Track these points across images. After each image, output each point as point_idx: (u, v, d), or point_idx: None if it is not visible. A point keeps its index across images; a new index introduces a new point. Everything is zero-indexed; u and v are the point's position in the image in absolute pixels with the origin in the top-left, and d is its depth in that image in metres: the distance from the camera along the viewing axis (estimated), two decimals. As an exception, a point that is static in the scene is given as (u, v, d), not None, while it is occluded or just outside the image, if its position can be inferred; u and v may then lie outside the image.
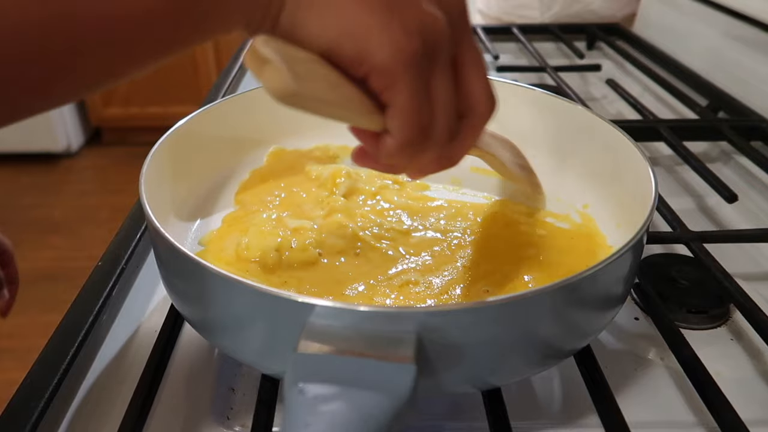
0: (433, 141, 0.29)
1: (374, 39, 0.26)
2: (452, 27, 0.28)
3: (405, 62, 0.27)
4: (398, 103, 0.28)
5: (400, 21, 0.26)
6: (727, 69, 0.76)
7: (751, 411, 0.33)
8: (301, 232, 0.41)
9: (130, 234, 0.48)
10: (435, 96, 0.29)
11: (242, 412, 0.35)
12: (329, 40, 0.27)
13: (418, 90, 0.28)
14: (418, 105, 0.28)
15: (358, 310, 0.27)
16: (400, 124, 0.28)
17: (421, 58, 0.27)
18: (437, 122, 0.29)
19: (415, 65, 0.27)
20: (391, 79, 0.27)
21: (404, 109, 0.28)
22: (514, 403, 0.33)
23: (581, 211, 0.46)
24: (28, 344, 0.71)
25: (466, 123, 0.31)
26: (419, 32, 0.27)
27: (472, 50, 0.30)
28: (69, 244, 1.94)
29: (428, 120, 0.29)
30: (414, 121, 0.28)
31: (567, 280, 0.28)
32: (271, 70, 0.26)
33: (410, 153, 0.30)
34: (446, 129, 0.30)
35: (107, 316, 0.41)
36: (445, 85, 0.29)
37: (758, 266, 0.49)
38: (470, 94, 0.31)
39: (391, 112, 0.28)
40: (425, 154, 0.30)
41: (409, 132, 0.28)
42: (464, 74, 0.30)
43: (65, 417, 0.35)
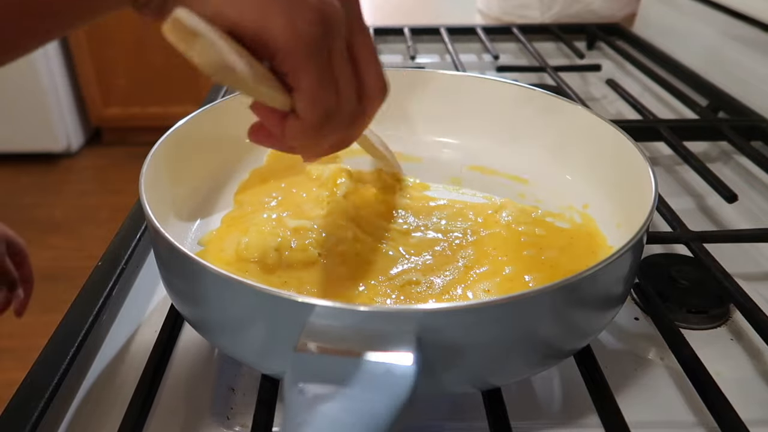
0: (336, 124, 0.31)
1: (276, 23, 0.28)
2: (347, 14, 0.30)
3: (308, 46, 0.28)
4: (304, 86, 0.29)
5: (300, 7, 0.28)
6: (727, 69, 0.76)
7: (751, 411, 0.33)
8: (301, 232, 0.41)
9: (130, 234, 0.48)
10: (338, 80, 0.30)
11: (242, 412, 0.35)
12: (230, 21, 0.28)
13: (323, 74, 0.29)
14: (324, 88, 0.29)
15: (358, 310, 0.27)
16: (307, 106, 0.30)
17: (322, 43, 0.28)
18: (341, 106, 0.31)
19: (316, 50, 0.28)
20: (294, 62, 0.28)
21: (310, 92, 0.29)
22: (514, 403, 0.33)
23: (581, 211, 0.46)
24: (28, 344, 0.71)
25: (362, 104, 0.33)
26: (319, 18, 0.28)
27: (365, 36, 0.32)
28: (69, 244, 1.94)
29: (333, 103, 0.30)
30: (320, 104, 0.30)
31: (567, 280, 0.28)
32: (203, 43, 0.26)
33: (314, 135, 0.31)
34: (349, 112, 0.31)
35: (107, 316, 0.41)
36: (345, 70, 0.30)
37: (758, 266, 0.49)
38: (365, 79, 0.32)
39: (298, 95, 0.30)
40: (329, 136, 0.32)
41: (315, 114, 0.30)
42: (359, 60, 0.32)
43: (65, 417, 0.35)
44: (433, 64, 0.90)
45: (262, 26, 0.28)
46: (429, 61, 0.91)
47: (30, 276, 0.71)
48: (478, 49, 0.95)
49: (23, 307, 0.69)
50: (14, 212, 2.09)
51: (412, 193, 0.48)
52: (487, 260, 0.40)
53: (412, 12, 1.23)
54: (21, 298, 0.68)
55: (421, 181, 0.50)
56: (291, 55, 0.28)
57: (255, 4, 0.28)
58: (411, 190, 0.49)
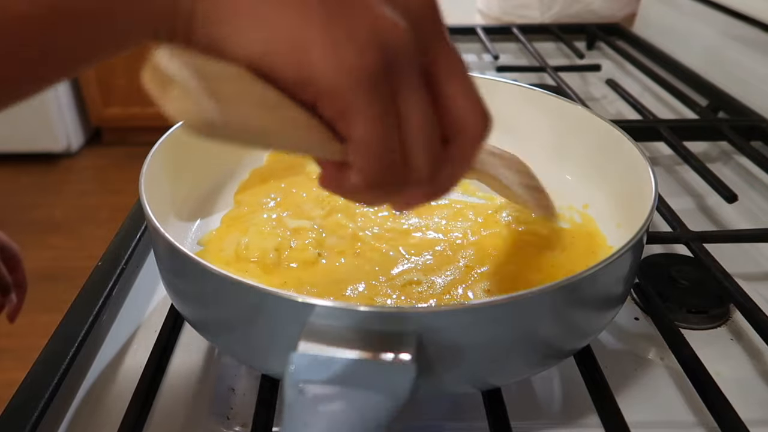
0: (411, 177, 0.25)
1: (315, 56, 0.21)
2: (418, 32, 0.23)
3: (358, 84, 0.21)
4: (356, 135, 0.23)
5: (348, 32, 0.21)
6: (726, 69, 0.76)
7: (751, 411, 0.33)
8: (300, 232, 0.41)
9: (130, 234, 0.48)
10: (405, 123, 0.23)
11: (242, 412, 0.35)
12: (258, 55, 0.22)
13: (380, 118, 0.22)
14: (382, 137, 0.23)
15: (358, 310, 0.27)
16: (362, 160, 0.23)
17: (380, 77, 0.22)
18: (413, 155, 0.24)
19: (371, 87, 0.22)
20: (343, 105, 0.22)
21: (364, 143, 0.23)
22: (514, 403, 0.33)
23: (581, 211, 0.46)
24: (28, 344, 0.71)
25: (454, 148, 0.26)
26: (373, 44, 0.22)
27: (450, 57, 0.25)
28: (69, 244, 1.94)
29: (398, 154, 0.24)
30: (379, 157, 0.23)
31: (567, 280, 0.28)
32: (179, 92, 0.20)
33: (382, 192, 0.25)
34: (426, 161, 0.24)
35: (107, 316, 0.41)
36: (417, 108, 0.23)
37: (758, 266, 0.49)
38: (454, 113, 0.25)
39: (350, 147, 0.23)
40: (403, 192, 0.25)
41: (374, 170, 0.23)
42: (443, 89, 0.25)
43: (65, 417, 0.35)
44: (433, 64, 0.90)
45: (298, 61, 0.21)
46: (429, 61, 0.91)
47: (23, 281, 0.70)
48: (478, 49, 0.95)
49: (16, 313, 0.69)
50: (14, 212, 2.09)
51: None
52: (487, 260, 0.40)
53: (412, 12, 1.23)
54: (13, 303, 0.68)
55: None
56: (336, 98, 0.22)
57: (287, 31, 0.21)
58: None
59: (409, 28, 0.23)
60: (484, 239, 0.43)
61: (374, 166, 0.23)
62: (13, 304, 0.68)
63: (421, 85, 0.24)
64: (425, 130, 0.24)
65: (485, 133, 0.26)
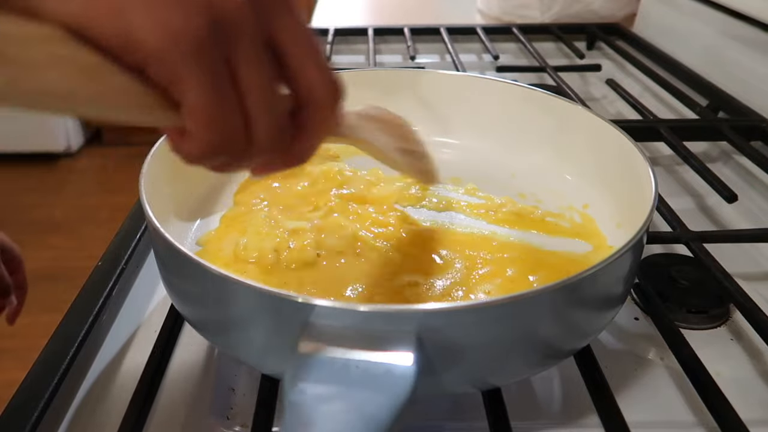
0: (254, 145, 0.25)
1: (138, 19, 0.21)
2: (259, 2, 0.23)
3: (185, 49, 0.21)
4: (187, 101, 0.22)
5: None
6: (726, 69, 0.76)
7: (751, 411, 0.33)
8: (299, 232, 0.41)
9: (130, 234, 0.48)
10: (244, 91, 0.23)
11: (242, 412, 0.35)
12: (76, 16, 0.21)
13: (211, 83, 0.22)
14: (215, 103, 0.23)
15: (358, 310, 0.27)
16: (197, 126, 0.23)
17: (208, 43, 0.22)
18: (253, 123, 0.24)
19: (200, 52, 0.21)
20: (171, 70, 0.21)
21: (197, 109, 0.22)
22: (514, 403, 0.33)
23: (581, 211, 0.46)
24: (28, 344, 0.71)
25: (305, 116, 0.26)
26: (203, 10, 0.21)
27: (295, 27, 0.25)
28: (69, 244, 1.94)
29: (237, 121, 0.24)
30: (214, 123, 0.23)
31: (567, 280, 0.28)
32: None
33: (223, 159, 0.25)
34: (268, 129, 0.25)
35: (107, 316, 0.41)
36: (255, 76, 0.23)
37: (758, 266, 0.49)
38: (302, 82, 0.26)
39: (184, 113, 0.23)
40: (249, 158, 0.25)
41: (211, 136, 0.23)
42: (289, 59, 0.25)
43: (65, 417, 0.35)
44: (433, 64, 0.90)
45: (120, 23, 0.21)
46: (429, 61, 0.91)
47: (24, 283, 0.70)
48: (478, 49, 0.95)
49: (16, 315, 0.69)
50: (14, 212, 2.09)
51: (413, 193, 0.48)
52: (488, 262, 0.40)
53: (412, 12, 1.23)
54: (14, 305, 0.68)
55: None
56: (164, 62, 0.21)
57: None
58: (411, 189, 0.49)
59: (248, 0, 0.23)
60: (485, 240, 0.43)
61: (210, 132, 0.23)
62: (13, 306, 0.68)
63: (260, 54, 0.24)
64: (265, 99, 0.24)
65: (335, 101, 0.27)
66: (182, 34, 0.21)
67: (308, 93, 0.26)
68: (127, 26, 0.21)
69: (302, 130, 0.27)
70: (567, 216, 0.45)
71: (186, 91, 0.22)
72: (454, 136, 0.55)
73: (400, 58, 0.93)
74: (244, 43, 0.23)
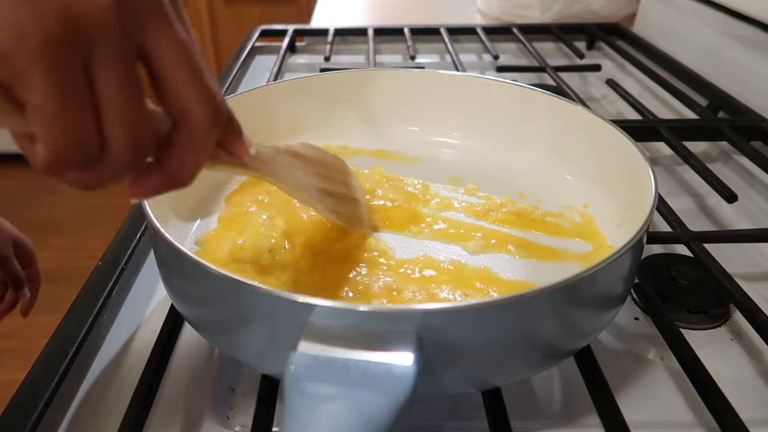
0: (108, 156, 0.23)
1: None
2: (128, 10, 0.22)
3: (34, 44, 0.20)
4: (33, 99, 0.21)
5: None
6: (726, 69, 0.76)
7: (751, 411, 0.33)
8: (297, 232, 0.41)
9: (130, 234, 0.48)
10: (99, 96, 0.22)
11: (242, 412, 0.35)
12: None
13: (61, 84, 0.21)
14: (63, 104, 0.21)
15: (358, 310, 0.27)
16: (42, 128, 0.21)
17: (59, 45, 0.21)
18: (108, 134, 0.23)
19: (49, 53, 0.20)
20: (17, 66, 0.20)
21: (41, 108, 0.21)
22: (514, 403, 0.33)
23: (581, 211, 0.46)
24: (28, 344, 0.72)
25: (177, 134, 0.25)
26: (58, 12, 0.20)
27: (170, 38, 0.24)
28: (69, 244, 1.94)
29: (86, 126, 0.22)
30: (60, 125, 0.21)
31: (567, 280, 0.28)
32: None
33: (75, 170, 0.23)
34: (123, 142, 0.23)
35: (107, 316, 0.41)
36: (113, 86, 0.22)
37: (758, 266, 0.49)
38: (173, 98, 0.24)
39: (28, 112, 0.21)
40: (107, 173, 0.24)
41: (56, 138, 0.22)
42: (161, 73, 0.24)
43: (65, 417, 0.35)
44: (433, 64, 0.90)
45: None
46: (429, 61, 0.91)
47: (37, 276, 0.71)
48: (478, 49, 0.95)
49: (29, 308, 0.69)
50: (14, 212, 2.09)
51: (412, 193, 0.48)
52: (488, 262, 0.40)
53: (412, 12, 1.23)
54: (27, 298, 0.69)
55: (421, 181, 0.50)
56: (9, 59, 0.20)
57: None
58: (411, 190, 0.49)
59: (111, 4, 0.22)
60: (484, 240, 0.43)
61: (55, 133, 0.22)
62: (26, 299, 0.69)
63: (122, 62, 0.22)
64: (121, 108, 0.23)
65: (213, 122, 0.25)
66: (30, 30, 0.20)
67: (180, 112, 0.25)
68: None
69: (173, 149, 0.25)
70: (567, 216, 0.45)
71: (30, 89, 0.21)
72: (454, 136, 0.55)
73: (400, 58, 0.93)
74: (105, 48, 0.22)
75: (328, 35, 0.92)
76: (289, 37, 0.93)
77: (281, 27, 0.97)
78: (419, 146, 0.54)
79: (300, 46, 0.98)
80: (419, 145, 0.54)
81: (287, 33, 0.94)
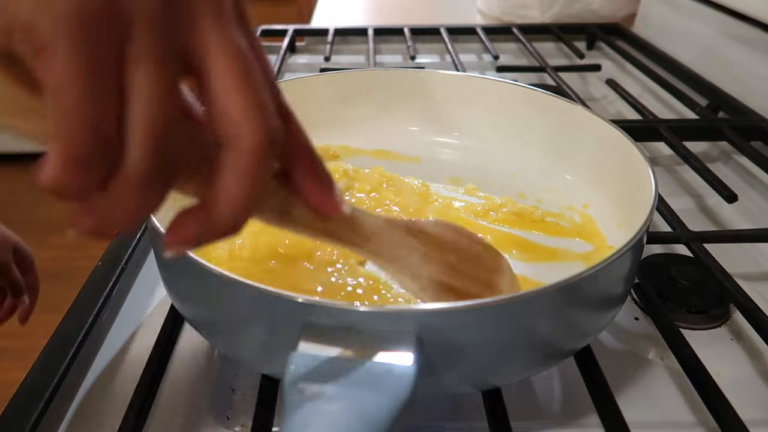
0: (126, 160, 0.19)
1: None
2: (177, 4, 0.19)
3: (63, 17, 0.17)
4: (54, 80, 0.17)
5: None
6: (727, 69, 0.76)
7: (751, 411, 0.33)
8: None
9: (130, 234, 0.48)
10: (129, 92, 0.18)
11: (242, 412, 0.35)
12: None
13: (89, 67, 0.18)
14: (88, 91, 0.18)
15: (358, 310, 0.27)
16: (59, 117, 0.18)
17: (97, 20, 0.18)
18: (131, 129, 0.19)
19: (82, 26, 0.17)
20: (40, 41, 0.17)
21: (62, 92, 0.17)
22: (514, 403, 0.33)
23: (581, 211, 0.46)
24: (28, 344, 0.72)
25: (222, 161, 0.21)
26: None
27: (225, 43, 0.20)
28: (69, 244, 1.93)
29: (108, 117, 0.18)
30: (82, 117, 0.18)
31: (567, 280, 0.28)
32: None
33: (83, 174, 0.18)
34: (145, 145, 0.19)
35: (107, 316, 0.41)
36: (144, 81, 0.19)
37: (758, 266, 0.49)
38: (219, 112, 0.20)
39: (46, 98, 0.18)
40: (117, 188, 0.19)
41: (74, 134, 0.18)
42: (208, 82, 0.20)
43: (65, 417, 0.35)
44: (433, 64, 0.90)
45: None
46: (429, 61, 0.91)
47: (36, 283, 0.71)
48: (478, 49, 0.95)
49: (28, 314, 0.69)
50: (15, 212, 2.09)
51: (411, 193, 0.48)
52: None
53: (412, 12, 1.23)
54: (26, 305, 0.69)
55: (421, 181, 0.50)
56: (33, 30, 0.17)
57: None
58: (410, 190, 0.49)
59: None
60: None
61: (74, 127, 0.18)
62: (25, 306, 0.69)
63: (161, 57, 0.19)
64: (150, 105, 0.19)
65: (264, 144, 0.21)
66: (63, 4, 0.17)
67: (225, 132, 0.20)
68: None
69: (216, 180, 0.21)
70: (567, 216, 0.45)
71: (53, 65, 0.17)
72: (454, 136, 0.55)
73: (400, 58, 0.93)
74: (144, 35, 0.18)
75: (328, 35, 0.92)
76: (289, 37, 0.93)
77: (281, 27, 0.97)
78: (419, 146, 0.54)
79: (300, 46, 0.98)
80: (419, 145, 0.54)
81: (287, 33, 0.94)
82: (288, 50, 0.91)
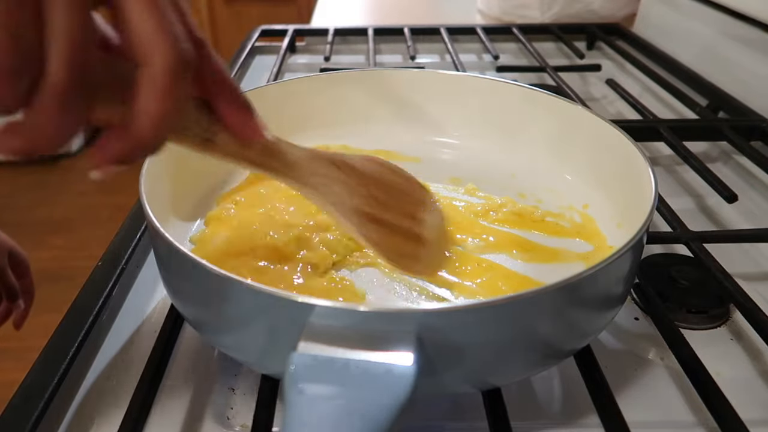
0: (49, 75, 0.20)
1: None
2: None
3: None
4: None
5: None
6: (727, 69, 0.76)
7: (751, 411, 0.33)
8: (295, 230, 0.41)
9: (130, 234, 0.48)
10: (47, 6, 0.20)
11: (242, 412, 0.35)
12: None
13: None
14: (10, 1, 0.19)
15: (358, 311, 0.27)
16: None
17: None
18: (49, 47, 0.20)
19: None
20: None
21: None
22: (514, 403, 0.33)
23: (581, 211, 0.46)
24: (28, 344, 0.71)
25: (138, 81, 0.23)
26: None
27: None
28: (69, 244, 1.94)
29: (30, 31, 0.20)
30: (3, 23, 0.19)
31: (567, 280, 0.28)
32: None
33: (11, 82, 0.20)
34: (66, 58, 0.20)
35: (107, 316, 0.41)
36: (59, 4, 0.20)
37: (758, 266, 0.49)
38: (132, 35, 0.22)
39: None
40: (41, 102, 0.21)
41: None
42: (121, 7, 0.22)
43: (65, 417, 0.35)
44: (433, 64, 0.90)
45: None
46: (429, 61, 0.91)
47: (31, 287, 0.71)
48: (478, 49, 0.95)
49: (22, 319, 0.69)
50: (14, 212, 2.09)
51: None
52: (488, 260, 0.40)
53: (412, 12, 1.23)
54: (21, 310, 0.69)
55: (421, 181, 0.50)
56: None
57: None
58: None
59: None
60: (484, 240, 0.43)
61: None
62: (20, 311, 0.68)
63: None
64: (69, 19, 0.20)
65: (176, 63, 0.22)
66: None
67: (139, 53, 0.22)
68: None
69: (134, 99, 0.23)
70: (567, 216, 0.45)
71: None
72: (454, 136, 0.55)
73: (400, 58, 0.93)
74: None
75: (328, 35, 0.92)
76: (289, 37, 0.93)
77: (281, 27, 0.97)
78: (419, 146, 0.54)
79: (300, 46, 0.98)
80: (419, 145, 0.54)
81: (287, 33, 0.94)
82: (288, 50, 0.91)
